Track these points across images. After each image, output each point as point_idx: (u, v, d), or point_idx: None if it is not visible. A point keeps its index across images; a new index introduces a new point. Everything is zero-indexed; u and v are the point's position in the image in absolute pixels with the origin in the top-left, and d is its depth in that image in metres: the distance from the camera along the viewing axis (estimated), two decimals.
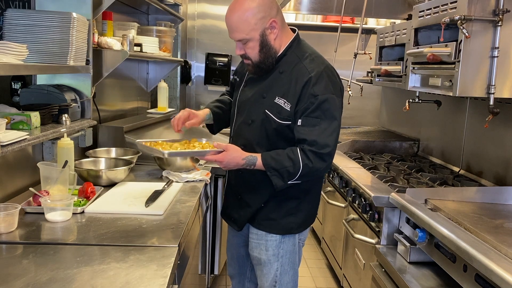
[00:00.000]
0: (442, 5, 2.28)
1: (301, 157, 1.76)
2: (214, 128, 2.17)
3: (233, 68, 4.67)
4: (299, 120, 1.79)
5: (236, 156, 1.79)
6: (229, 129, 2.09)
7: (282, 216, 1.96)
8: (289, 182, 1.80)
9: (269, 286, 2.00)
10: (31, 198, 1.87)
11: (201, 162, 2.67)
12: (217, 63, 4.78)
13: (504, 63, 2.10)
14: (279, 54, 1.86)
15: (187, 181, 2.38)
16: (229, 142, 2.04)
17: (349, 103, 3.92)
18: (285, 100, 1.81)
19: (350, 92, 3.70)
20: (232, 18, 1.77)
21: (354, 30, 4.53)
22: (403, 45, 2.92)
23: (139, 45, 2.95)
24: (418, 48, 2.52)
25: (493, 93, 2.12)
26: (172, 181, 2.34)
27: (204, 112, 2.07)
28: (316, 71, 1.79)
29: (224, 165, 1.80)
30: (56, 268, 1.36)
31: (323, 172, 1.85)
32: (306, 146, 1.76)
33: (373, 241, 2.43)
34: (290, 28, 1.95)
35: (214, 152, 1.78)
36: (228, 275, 2.32)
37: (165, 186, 2.23)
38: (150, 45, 3.08)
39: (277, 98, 1.83)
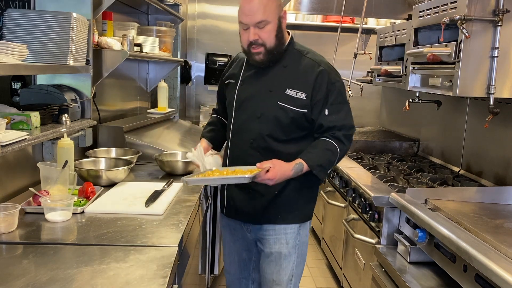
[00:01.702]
0: (442, 5, 2.28)
1: (336, 144, 1.90)
2: (216, 148, 2.17)
3: None
4: (326, 110, 1.91)
5: (285, 169, 1.83)
6: (228, 129, 2.07)
7: (303, 204, 2.04)
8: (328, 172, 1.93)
9: (287, 279, 2.03)
10: (31, 198, 1.87)
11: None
12: (217, 63, 4.78)
13: (504, 63, 2.10)
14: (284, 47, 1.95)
15: None
16: (230, 140, 2.03)
17: (349, 103, 3.93)
18: (297, 91, 1.90)
19: (350, 92, 3.69)
20: (254, 1, 1.81)
21: (354, 30, 4.53)
22: (403, 45, 2.92)
23: (139, 45, 2.95)
24: (418, 48, 2.52)
25: (493, 93, 2.12)
26: (173, 181, 2.34)
27: (205, 142, 2.11)
28: (324, 62, 1.94)
29: (275, 181, 1.81)
30: (56, 268, 1.36)
31: (347, 151, 2.02)
32: (337, 132, 1.91)
33: (373, 241, 2.43)
34: None
35: (263, 172, 1.77)
36: (226, 283, 2.29)
37: (165, 186, 2.23)
38: (150, 45, 3.08)
39: (287, 90, 1.91)
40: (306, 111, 1.90)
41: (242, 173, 1.79)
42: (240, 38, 1.92)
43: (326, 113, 1.91)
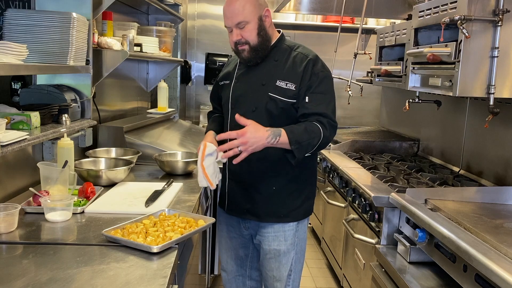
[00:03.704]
0: (442, 5, 2.28)
1: (321, 127, 1.88)
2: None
3: None
4: (306, 97, 1.92)
5: (261, 130, 1.79)
6: (226, 127, 2.08)
7: (302, 201, 2.06)
8: (306, 155, 1.89)
9: (287, 275, 2.06)
10: (31, 198, 1.87)
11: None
12: (217, 63, 4.78)
13: (504, 63, 2.10)
14: (272, 44, 2.01)
15: None
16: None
17: (349, 103, 3.93)
18: (287, 82, 1.94)
19: (350, 92, 3.70)
20: (234, 5, 1.91)
21: (354, 30, 4.53)
22: (403, 45, 2.92)
23: (139, 45, 2.95)
24: (418, 48, 2.52)
25: (493, 93, 2.12)
26: (173, 181, 2.34)
27: (212, 134, 2.08)
28: (312, 54, 1.99)
29: (249, 145, 1.76)
30: (56, 268, 1.36)
31: (327, 145, 1.96)
32: (321, 117, 1.89)
33: (373, 241, 2.43)
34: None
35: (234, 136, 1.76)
36: (223, 281, 2.30)
37: (165, 186, 2.23)
38: (150, 45, 3.08)
39: (278, 81, 1.95)
40: (295, 101, 1.94)
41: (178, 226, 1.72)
42: (230, 43, 2.02)
43: (306, 100, 1.92)
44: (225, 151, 1.79)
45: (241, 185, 2.05)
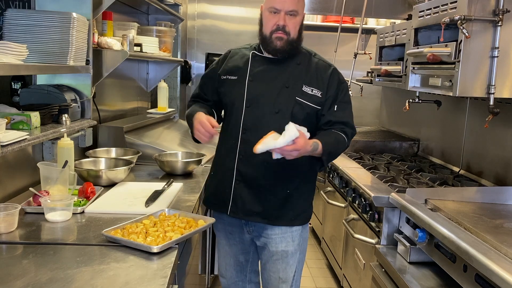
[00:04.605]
0: (442, 5, 2.28)
1: (346, 138, 1.97)
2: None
3: None
4: (335, 106, 1.98)
5: (307, 143, 1.79)
6: (234, 126, 1.99)
7: (309, 205, 2.10)
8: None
9: (291, 276, 2.06)
10: (31, 198, 1.87)
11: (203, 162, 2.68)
12: None
13: (504, 63, 2.10)
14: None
15: None
16: (241, 137, 1.96)
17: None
18: (312, 88, 1.96)
19: (350, 92, 3.69)
20: None
21: (354, 30, 4.53)
22: (403, 45, 2.92)
23: (139, 45, 2.95)
24: (418, 48, 2.52)
25: (493, 93, 2.12)
26: (173, 181, 2.34)
27: (203, 114, 1.96)
28: (333, 65, 2.05)
29: (298, 154, 1.76)
30: (56, 268, 1.36)
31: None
32: (346, 128, 1.98)
33: (373, 241, 2.43)
34: None
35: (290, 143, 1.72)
36: (222, 287, 2.28)
37: (165, 186, 2.23)
38: (150, 45, 3.08)
39: (304, 86, 1.96)
40: (320, 108, 1.97)
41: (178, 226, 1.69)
42: (261, 25, 1.97)
43: (335, 109, 1.98)
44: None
45: (253, 188, 1.97)
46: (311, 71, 1.98)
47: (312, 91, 1.95)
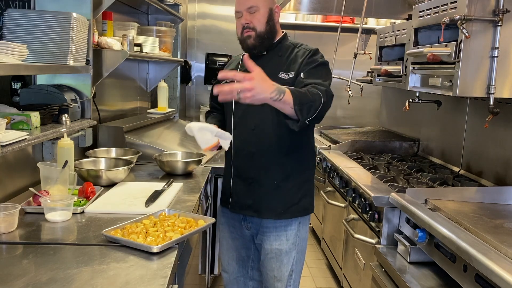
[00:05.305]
0: (442, 5, 2.28)
1: (320, 92, 1.78)
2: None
3: None
4: (302, 74, 1.92)
5: (268, 81, 1.63)
6: (229, 124, 2.10)
7: (301, 198, 2.07)
8: (306, 121, 1.76)
9: (287, 275, 2.07)
10: (31, 198, 1.87)
11: (203, 162, 2.67)
12: (217, 63, 4.78)
13: (504, 63, 2.10)
14: (276, 40, 2.05)
15: None
16: (233, 133, 2.01)
17: (349, 103, 3.93)
18: (288, 73, 1.97)
19: (350, 92, 3.70)
20: None
21: (354, 30, 4.53)
22: (403, 45, 2.92)
23: (139, 45, 2.95)
24: (418, 48, 2.52)
25: (493, 93, 2.12)
26: (173, 181, 2.34)
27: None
28: (315, 48, 2.02)
29: (253, 93, 1.57)
30: (56, 268, 1.36)
31: (325, 113, 1.84)
32: (318, 85, 1.83)
33: (373, 241, 2.43)
34: None
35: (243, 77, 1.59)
36: (224, 282, 2.30)
37: (165, 186, 2.23)
38: (150, 45, 3.08)
39: (280, 73, 1.97)
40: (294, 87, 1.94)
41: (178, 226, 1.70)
42: (236, 30, 2.06)
43: (302, 76, 1.91)
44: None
45: (245, 180, 2.07)
46: (290, 59, 2.00)
47: (288, 76, 1.96)
